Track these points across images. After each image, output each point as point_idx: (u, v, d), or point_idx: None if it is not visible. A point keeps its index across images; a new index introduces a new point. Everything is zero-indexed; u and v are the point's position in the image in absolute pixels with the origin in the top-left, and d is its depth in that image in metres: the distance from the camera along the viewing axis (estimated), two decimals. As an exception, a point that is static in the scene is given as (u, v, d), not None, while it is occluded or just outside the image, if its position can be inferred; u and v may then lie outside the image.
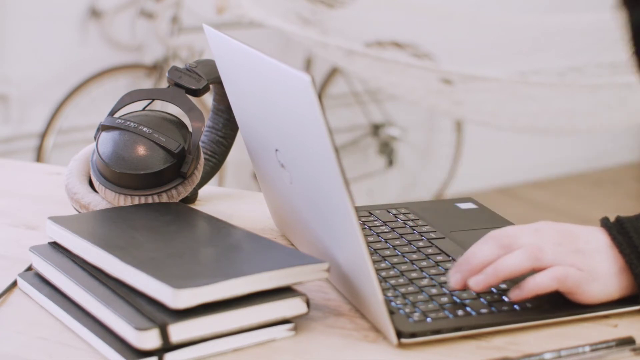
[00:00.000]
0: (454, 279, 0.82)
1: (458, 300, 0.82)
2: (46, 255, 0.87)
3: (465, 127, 4.17)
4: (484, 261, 0.81)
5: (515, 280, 0.82)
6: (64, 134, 3.23)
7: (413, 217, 1.04)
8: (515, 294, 0.80)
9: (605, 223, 0.84)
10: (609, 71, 2.84)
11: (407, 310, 0.79)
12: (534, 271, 0.81)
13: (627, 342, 0.76)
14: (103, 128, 1.01)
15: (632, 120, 3.02)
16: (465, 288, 0.82)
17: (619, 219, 0.83)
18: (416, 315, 0.78)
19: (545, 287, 0.80)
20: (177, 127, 1.01)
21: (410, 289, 0.84)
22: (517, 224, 0.94)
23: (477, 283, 0.80)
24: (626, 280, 0.82)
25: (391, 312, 0.78)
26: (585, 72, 3.00)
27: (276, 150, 0.88)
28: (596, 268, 0.81)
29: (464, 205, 1.09)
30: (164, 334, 0.72)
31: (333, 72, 3.97)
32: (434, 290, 0.83)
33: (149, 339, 0.72)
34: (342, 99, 4.10)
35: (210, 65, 1.07)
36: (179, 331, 0.72)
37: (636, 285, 0.81)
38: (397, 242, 0.96)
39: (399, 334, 0.76)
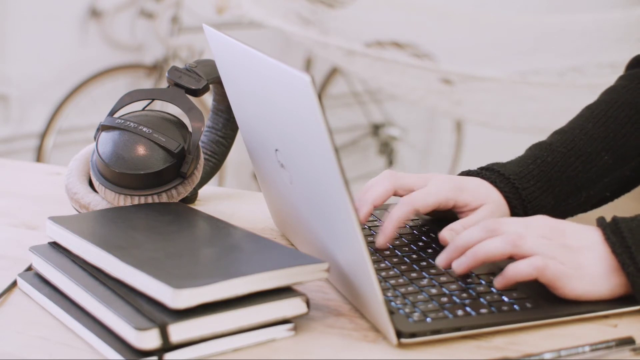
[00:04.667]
0: (440, 258, 0.86)
1: (458, 300, 0.82)
2: (46, 255, 0.87)
3: (465, 127, 4.17)
4: (468, 243, 0.84)
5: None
6: (64, 134, 3.24)
7: (413, 217, 1.04)
8: (498, 281, 0.82)
9: (600, 222, 0.85)
10: (609, 71, 2.84)
11: (407, 310, 0.79)
12: (514, 259, 0.83)
13: (627, 342, 0.76)
14: (103, 128, 1.01)
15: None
16: (450, 267, 0.86)
17: (614, 219, 0.83)
18: (416, 315, 0.78)
19: (524, 274, 0.81)
20: (177, 127, 1.01)
21: (410, 289, 0.84)
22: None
23: (458, 265, 0.84)
24: (617, 279, 0.82)
25: (391, 312, 0.78)
26: (585, 72, 3.00)
27: (276, 150, 0.88)
28: (582, 265, 0.82)
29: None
30: (164, 334, 0.72)
31: (333, 72, 3.98)
32: (433, 290, 0.83)
33: (149, 339, 0.72)
34: (342, 99, 4.11)
35: (210, 65, 1.07)
36: (179, 331, 0.72)
37: (630, 285, 0.82)
38: (397, 242, 0.96)
39: (399, 334, 0.76)
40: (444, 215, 1.00)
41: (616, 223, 0.83)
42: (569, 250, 0.82)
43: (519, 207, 0.99)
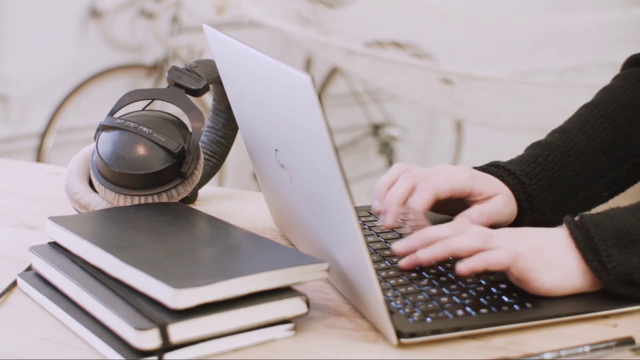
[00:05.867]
0: (399, 244, 0.86)
1: (458, 300, 0.82)
2: (46, 255, 0.87)
3: (465, 127, 4.17)
4: (436, 236, 0.84)
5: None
6: (64, 134, 3.24)
7: (413, 217, 1.04)
8: (464, 264, 0.81)
9: (566, 219, 0.85)
10: (609, 71, 2.84)
11: (407, 310, 0.79)
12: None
13: (627, 342, 0.76)
14: (103, 128, 1.01)
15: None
16: (410, 262, 0.85)
17: (581, 216, 0.85)
18: (416, 315, 0.78)
19: (496, 261, 0.81)
20: (177, 127, 1.01)
21: (410, 289, 0.84)
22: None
23: (424, 254, 0.83)
24: (589, 272, 0.83)
25: (391, 312, 0.78)
26: (585, 72, 3.00)
27: (276, 150, 0.88)
28: (550, 261, 0.82)
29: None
30: (164, 334, 0.72)
31: (333, 72, 3.98)
32: (433, 290, 0.83)
33: (149, 339, 0.72)
34: (342, 99, 4.11)
35: (210, 65, 1.07)
36: (179, 331, 0.72)
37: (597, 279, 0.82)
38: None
39: (399, 334, 0.76)
40: (454, 213, 1.00)
41: (581, 217, 0.84)
42: (535, 248, 0.83)
43: (525, 201, 0.99)
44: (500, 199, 0.97)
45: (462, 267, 0.82)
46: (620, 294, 0.82)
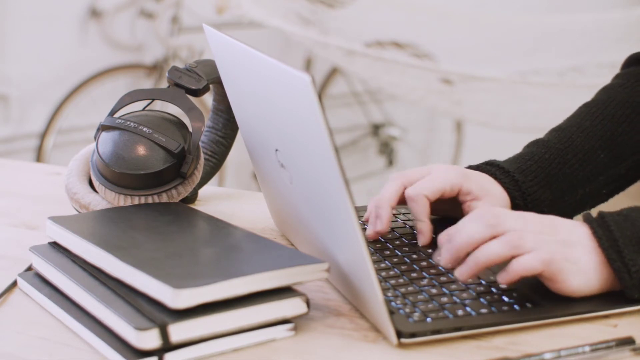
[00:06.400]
0: (444, 258, 0.84)
1: (458, 300, 0.82)
2: (46, 255, 0.87)
3: (465, 127, 4.17)
4: (469, 239, 0.82)
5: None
6: (64, 134, 3.23)
7: (413, 217, 1.04)
8: (502, 277, 0.81)
9: (586, 217, 0.85)
10: (609, 71, 2.84)
11: (407, 310, 0.79)
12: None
13: (627, 342, 0.76)
14: (103, 128, 1.01)
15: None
16: (454, 266, 0.83)
17: (601, 214, 0.84)
18: (416, 315, 0.78)
19: (531, 267, 0.80)
20: (177, 127, 1.01)
21: (410, 289, 0.84)
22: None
23: (461, 273, 0.82)
24: (606, 273, 0.82)
25: (391, 312, 0.78)
26: (585, 72, 3.00)
27: (276, 150, 0.88)
28: (579, 260, 0.82)
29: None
30: (164, 334, 0.72)
31: (333, 72, 3.98)
32: (434, 290, 0.83)
33: (149, 339, 0.72)
34: (342, 99, 4.11)
35: (210, 65, 1.07)
36: (179, 331, 0.72)
37: (617, 280, 0.82)
38: (397, 242, 0.96)
39: (399, 334, 0.76)
40: (445, 213, 1.00)
41: (602, 217, 0.83)
42: (565, 244, 0.82)
43: (519, 198, 0.99)
44: (488, 203, 0.97)
45: (502, 281, 0.81)
46: (635, 299, 0.82)
